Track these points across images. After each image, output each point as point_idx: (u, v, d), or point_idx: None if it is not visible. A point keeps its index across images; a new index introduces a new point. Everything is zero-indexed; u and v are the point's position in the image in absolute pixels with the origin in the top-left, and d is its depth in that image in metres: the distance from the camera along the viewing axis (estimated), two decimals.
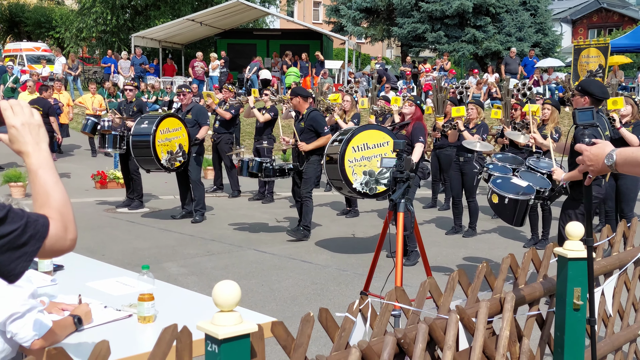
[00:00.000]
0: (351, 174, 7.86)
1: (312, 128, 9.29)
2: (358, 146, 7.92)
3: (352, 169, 7.87)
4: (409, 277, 6.94)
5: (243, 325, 2.12)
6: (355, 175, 7.87)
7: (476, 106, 9.90)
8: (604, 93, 6.14)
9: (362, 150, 7.93)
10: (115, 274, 4.11)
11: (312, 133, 9.28)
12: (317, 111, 9.75)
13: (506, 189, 6.86)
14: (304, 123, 9.33)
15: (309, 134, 9.31)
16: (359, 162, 7.90)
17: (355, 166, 7.88)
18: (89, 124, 11.83)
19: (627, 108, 8.60)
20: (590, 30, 45.92)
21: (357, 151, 7.91)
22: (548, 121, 8.87)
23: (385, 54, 50.38)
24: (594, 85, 6.15)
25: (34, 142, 1.89)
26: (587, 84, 6.23)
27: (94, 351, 2.09)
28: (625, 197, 8.58)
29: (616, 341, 4.48)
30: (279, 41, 31.21)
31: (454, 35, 29.24)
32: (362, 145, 7.93)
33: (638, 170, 2.49)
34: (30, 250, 1.74)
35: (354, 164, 7.88)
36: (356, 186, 7.87)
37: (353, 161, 7.88)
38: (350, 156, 7.86)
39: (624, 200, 8.60)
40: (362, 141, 7.94)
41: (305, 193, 9.35)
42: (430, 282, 3.15)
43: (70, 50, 31.21)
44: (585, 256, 3.43)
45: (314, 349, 4.93)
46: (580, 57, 23.02)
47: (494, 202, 6.87)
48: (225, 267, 7.97)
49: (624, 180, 8.52)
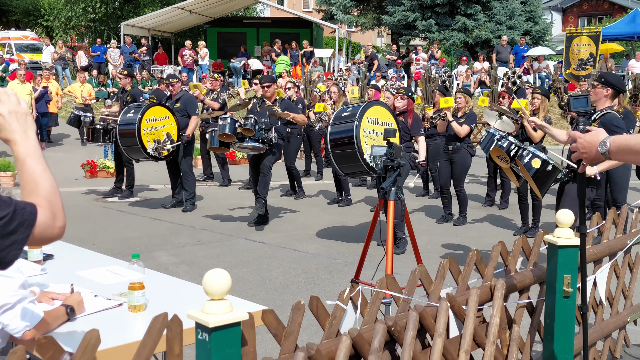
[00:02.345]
0: (363, 143, 7.70)
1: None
2: (370, 118, 7.83)
3: (365, 139, 7.72)
4: (399, 265, 6.96)
5: (234, 314, 2.12)
6: (366, 145, 7.69)
7: (464, 95, 9.91)
8: (623, 85, 6.39)
9: (373, 124, 7.84)
10: (106, 263, 4.10)
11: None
12: (287, 100, 10.07)
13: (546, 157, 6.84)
14: (277, 107, 9.45)
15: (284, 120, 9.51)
16: (370, 135, 7.78)
17: (367, 137, 7.75)
18: (72, 118, 11.78)
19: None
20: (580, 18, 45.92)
21: (370, 123, 7.82)
22: (538, 110, 8.89)
23: (375, 42, 50.29)
24: (614, 77, 6.44)
25: (22, 130, 1.88)
26: (609, 76, 6.49)
27: (84, 340, 2.08)
28: (617, 186, 8.56)
29: (605, 328, 4.51)
30: (269, 29, 31.10)
31: (445, 24, 29.19)
32: (374, 119, 7.85)
33: (631, 157, 2.49)
34: (19, 238, 1.74)
35: (366, 135, 7.75)
36: (366, 157, 7.66)
37: (366, 131, 7.76)
38: (365, 126, 7.75)
39: (616, 189, 8.59)
40: (374, 115, 7.86)
41: (268, 164, 9.37)
42: (421, 270, 3.16)
43: (59, 38, 31.00)
44: (575, 244, 3.44)
45: (305, 337, 4.93)
46: (572, 45, 23.04)
47: (534, 166, 6.78)
48: (215, 256, 7.96)
49: (616, 169, 8.51)
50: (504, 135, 7.18)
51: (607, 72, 6.62)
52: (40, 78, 17.85)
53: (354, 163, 7.85)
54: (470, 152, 9.71)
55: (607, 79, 6.33)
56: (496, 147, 7.11)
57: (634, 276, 4.98)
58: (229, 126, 9.09)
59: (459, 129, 9.48)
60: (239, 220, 9.96)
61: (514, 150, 6.90)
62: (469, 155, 9.70)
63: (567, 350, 3.49)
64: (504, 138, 7.09)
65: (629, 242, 4.69)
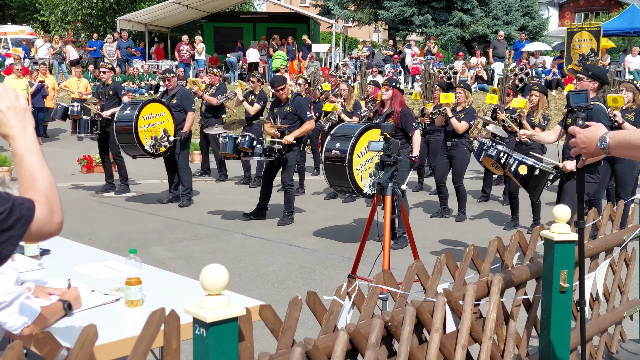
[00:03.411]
0: (360, 180, 7.86)
1: (296, 113, 9.24)
2: (361, 152, 7.88)
3: (360, 175, 7.87)
4: (396, 260, 6.96)
5: (231, 309, 2.12)
6: (363, 180, 7.86)
7: (464, 90, 9.90)
8: (607, 78, 6.52)
9: (364, 154, 7.91)
10: (103, 258, 4.10)
11: (296, 118, 9.24)
12: (301, 96, 9.70)
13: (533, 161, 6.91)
14: (289, 108, 9.29)
15: (293, 119, 9.26)
16: (364, 167, 7.90)
17: (362, 172, 7.88)
18: (58, 110, 11.74)
19: (627, 95, 8.49)
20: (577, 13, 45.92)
21: (361, 157, 7.89)
22: (537, 107, 8.91)
23: (372, 37, 50.23)
24: (599, 70, 6.58)
25: (20, 125, 1.87)
26: (595, 68, 6.58)
27: (81, 335, 2.08)
28: (622, 182, 8.56)
29: (602, 323, 4.52)
30: (265, 24, 31.03)
31: (441, 19, 29.17)
32: (363, 150, 7.88)
33: (631, 152, 2.48)
34: (16, 234, 1.73)
35: (361, 171, 7.87)
36: (366, 191, 7.87)
37: (360, 168, 7.87)
38: (357, 164, 7.84)
39: (621, 185, 8.58)
40: (363, 145, 7.84)
41: (288, 181, 9.37)
42: (418, 265, 3.16)
43: (56, 33, 30.91)
44: (572, 239, 3.45)
45: (302, 332, 4.94)
46: (573, 41, 23.03)
47: (522, 173, 6.86)
48: (212, 251, 7.96)
49: (620, 165, 8.49)
50: (490, 144, 7.25)
51: (593, 65, 6.73)
52: (36, 73, 17.82)
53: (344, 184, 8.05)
54: (469, 147, 9.72)
55: (594, 71, 6.44)
56: (486, 156, 7.18)
57: (630, 271, 4.99)
58: (229, 145, 9.10)
59: (457, 125, 9.49)
60: (235, 216, 9.96)
61: (503, 159, 6.97)
62: (467, 151, 9.71)
63: (563, 345, 3.50)
64: (491, 147, 7.17)
65: (626, 237, 4.70)
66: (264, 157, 9.03)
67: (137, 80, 22.68)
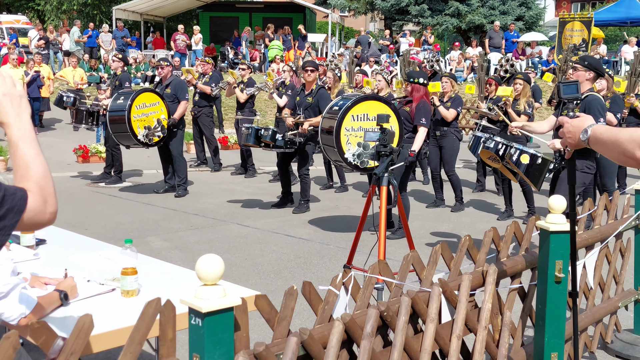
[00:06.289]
0: (345, 142, 7.62)
1: (317, 105, 9.19)
2: (358, 115, 7.70)
3: (347, 137, 7.64)
4: (392, 250, 6.97)
5: (226, 299, 2.13)
6: (349, 144, 7.62)
7: (450, 79, 10.11)
8: (603, 69, 6.69)
9: (361, 120, 7.72)
10: (99, 248, 4.10)
11: (317, 110, 9.17)
12: (325, 89, 9.69)
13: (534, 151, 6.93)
14: (311, 99, 9.28)
15: (315, 111, 9.20)
16: (355, 132, 7.67)
17: (350, 135, 7.65)
18: (57, 98, 11.78)
19: (601, 82, 8.53)
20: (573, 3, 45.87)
21: (356, 120, 7.70)
22: (520, 96, 9.15)
23: (368, 27, 50.14)
24: (595, 60, 6.63)
25: (15, 113, 1.85)
26: (590, 59, 6.65)
27: (77, 325, 2.09)
28: (606, 171, 8.62)
29: (597, 313, 4.54)
30: (261, 14, 30.93)
31: (438, 9, 29.14)
32: (362, 115, 7.72)
33: (603, 149, 2.49)
34: (8, 224, 1.72)
35: (349, 133, 7.66)
36: (347, 156, 7.59)
37: (350, 130, 7.66)
38: (348, 124, 7.64)
39: (606, 175, 8.64)
40: (363, 111, 7.72)
41: (304, 171, 9.51)
42: (413, 255, 3.17)
43: (51, 23, 30.78)
44: (568, 230, 3.46)
45: (298, 322, 4.95)
46: (564, 31, 23.03)
47: (524, 162, 6.85)
48: (208, 241, 7.96)
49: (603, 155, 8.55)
50: (489, 136, 7.25)
51: (588, 55, 6.80)
52: (32, 62, 17.75)
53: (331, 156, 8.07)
54: (457, 136, 9.85)
55: (589, 61, 6.47)
56: (484, 149, 7.19)
57: (625, 262, 5.00)
58: (252, 136, 9.14)
59: (445, 113, 9.58)
60: (231, 206, 9.96)
61: (502, 150, 6.98)
62: (456, 139, 9.82)
63: (558, 335, 3.51)
64: (489, 139, 7.17)
65: (621, 227, 4.71)
66: (285, 149, 9.17)
67: (134, 70, 22.60)
